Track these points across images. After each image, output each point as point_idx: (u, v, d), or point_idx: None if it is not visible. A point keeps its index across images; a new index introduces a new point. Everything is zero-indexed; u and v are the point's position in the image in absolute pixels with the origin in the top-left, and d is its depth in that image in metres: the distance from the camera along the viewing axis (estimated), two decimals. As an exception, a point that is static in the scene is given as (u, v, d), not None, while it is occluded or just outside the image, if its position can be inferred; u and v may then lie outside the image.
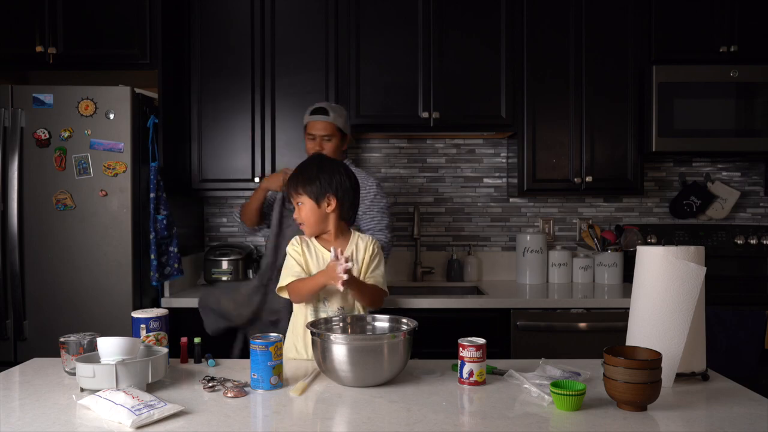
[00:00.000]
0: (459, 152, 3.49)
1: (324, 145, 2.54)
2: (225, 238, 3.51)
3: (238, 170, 3.13)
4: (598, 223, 3.47)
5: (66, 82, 2.77)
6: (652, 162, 3.45)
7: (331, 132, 2.55)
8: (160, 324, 1.75)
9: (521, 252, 3.32)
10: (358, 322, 1.78)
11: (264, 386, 1.52)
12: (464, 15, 3.08)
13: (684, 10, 3.08)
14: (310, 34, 3.10)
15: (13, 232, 2.62)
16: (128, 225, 2.66)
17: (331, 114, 2.55)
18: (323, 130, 2.54)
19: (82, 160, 2.64)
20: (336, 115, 2.56)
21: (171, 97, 3.00)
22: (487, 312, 2.79)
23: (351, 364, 1.52)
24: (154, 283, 2.74)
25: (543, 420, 1.32)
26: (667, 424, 1.31)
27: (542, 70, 3.10)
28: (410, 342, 1.59)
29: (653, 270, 1.57)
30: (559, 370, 1.59)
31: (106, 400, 1.34)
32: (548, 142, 3.11)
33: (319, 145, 2.54)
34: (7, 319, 2.65)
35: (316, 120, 2.55)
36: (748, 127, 3.01)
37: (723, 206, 3.40)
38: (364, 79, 3.07)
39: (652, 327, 1.55)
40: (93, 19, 2.89)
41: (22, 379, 1.64)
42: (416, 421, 1.31)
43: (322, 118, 2.54)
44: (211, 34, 3.11)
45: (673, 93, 3.01)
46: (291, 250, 1.92)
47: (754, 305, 2.80)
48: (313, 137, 2.55)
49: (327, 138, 2.55)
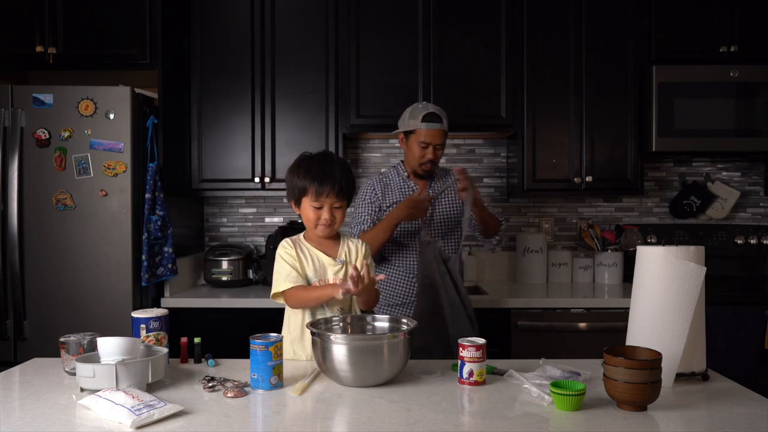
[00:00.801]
0: (459, 152, 3.49)
1: (436, 154, 2.42)
2: (225, 238, 3.51)
3: (238, 170, 3.13)
4: (598, 223, 3.47)
5: (66, 82, 2.77)
6: (652, 162, 3.45)
7: (444, 140, 2.44)
8: (160, 324, 1.75)
9: (521, 252, 3.32)
10: (358, 322, 1.78)
11: (264, 386, 1.52)
12: (464, 15, 3.08)
13: (684, 10, 3.08)
14: (310, 34, 3.10)
15: (13, 232, 2.62)
16: (128, 225, 2.66)
17: (444, 122, 2.42)
18: (439, 138, 2.41)
19: (82, 160, 2.65)
20: (446, 122, 2.44)
21: (171, 97, 3.00)
22: (487, 312, 2.78)
23: (351, 364, 1.51)
24: (143, 283, 2.71)
25: (543, 420, 1.32)
26: (667, 424, 1.31)
27: (542, 70, 3.10)
28: (410, 342, 1.59)
29: (653, 270, 1.57)
30: (559, 370, 1.59)
31: (106, 400, 1.34)
32: (548, 142, 3.11)
33: (433, 153, 2.41)
34: (7, 319, 2.65)
35: (432, 128, 2.39)
36: (748, 127, 3.01)
37: (723, 206, 3.40)
38: (364, 79, 3.07)
39: (652, 327, 1.55)
40: (93, 19, 2.89)
41: (22, 379, 1.64)
42: (416, 421, 1.31)
43: (438, 126, 2.40)
44: (211, 34, 3.11)
45: (673, 93, 3.01)
46: (284, 253, 1.83)
47: (754, 305, 2.80)
48: (426, 145, 2.40)
49: (440, 146, 2.42)
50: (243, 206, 3.51)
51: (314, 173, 1.79)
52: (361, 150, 3.49)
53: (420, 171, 2.45)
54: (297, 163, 1.87)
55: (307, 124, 3.10)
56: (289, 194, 1.88)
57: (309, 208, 1.81)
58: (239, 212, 3.51)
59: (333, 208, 1.80)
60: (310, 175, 1.79)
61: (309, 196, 1.80)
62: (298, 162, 1.87)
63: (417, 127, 2.40)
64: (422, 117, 2.39)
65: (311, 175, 1.79)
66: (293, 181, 1.83)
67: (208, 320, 2.82)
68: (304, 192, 1.80)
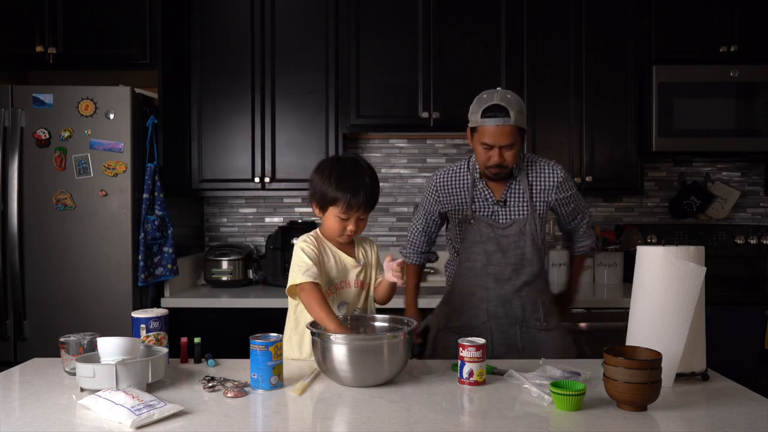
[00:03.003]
0: (459, 152, 3.48)
1: (504, 155, 1.92)
2: (225, 238, 3.51)
3: (238, 170, 3.13)
4: (598, 223, 3.46)
5: (66, 82, 2.77)
6: (652, 162, 3.45)
7: (514, 138, 1.91)
8: (160, 324, 1.75)
9: (521, 252, 3.31)
10: (358, 321, 1.78)
11: (264, 386, 1.52)
12: (464, 15, 3.08)
13: (684, 10, 3.08)
14: (310, 34, 3.10)
15: (13, 232, 2.62)
16: (128, 225, 2.66)
17: (512, 114, 1.89)
18: (505, 138, 1.90)
19: (82, 160, 2.65)
20: (516, 113, 1.90)
21: (171, 97, 3.00)
22: (487, 312, 2.78)
23: (351, 364, 1.52)
24: (140, 283, 2.70)
25: (543, 420, 1.32)
26: (667, 424, 1.31)
27: (542, 70, 3.10)
28: (410, 342, 1.59)
29: (653, 270, 1.57)
30: (559, 370, 1.59)
31: (106, 400, 1.33)
32: (548, 142, 3.11)
33: (499, 156, 1.92)
34: (7, 319, 2.65)
35: (493, 125, 1.90)
36: (748, 127, 3.01)
37: (723, 206, 3.40)
38: (364, 79, 3.07)
39: (652, 327, 1.55)
40: (93, 19, 2.89)
41: (22, 379, 1.64)
42: (416, 421, 1.31)
43: (501, 122, 1.89)
44: (211, 34, 3.11)
45: (673, 93, 3.01)
46: (306, 247, 1.77)
47: (754, 305, 2.80)
48: (489, 147, 1.92)
49: (509, 147, 1.92)
50: (243, 206, 3.51)
51: (347, 185, 1.72)
52: (361, 150, 3.49)
53: (489, 174, 2.00)
54: (328, 168, 1.78)
55: (307, 124, 3.10)
56: (314, 197, 1.79)
57: (335, 219, 1.76)
58: (239, 212, 3.51)
59: (359, 219, 1.77)
60: (342, 187, 1.72)
61: (338, 207, 1.74)
62: (329, 168, 1.78)
63: (477, 123, 1.94)
64: (482, 111, 1.91)
65: (344, 187, 1.72)
66: (322, 188, 1.74)
67: (208, 320, 2.82)
68: (334, 202, 1.73)
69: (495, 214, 2.05)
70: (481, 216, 2.05)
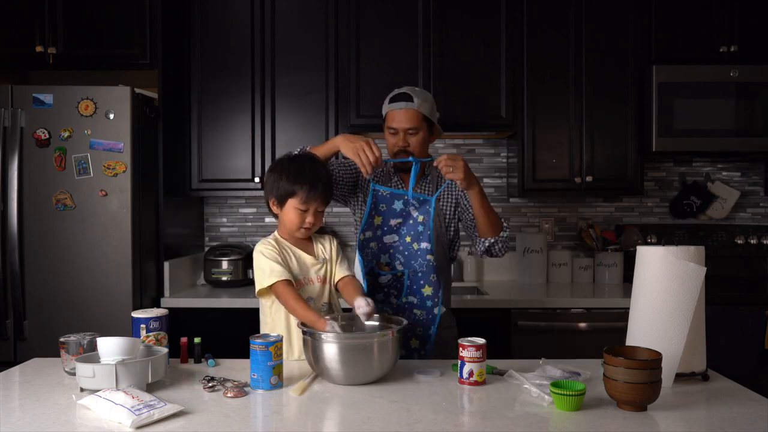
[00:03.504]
0: (459, 152, 3.48)
1: (409, 140, 2.01)
2: (225, 238, 3.51)
3: (238, 170, 3.13)
4: (598, 223, 3.47)
5: (66, 82, 2.77)
6: (652, 162, 3.45)
7: (417, 123, 2.00)
8: (160, 324, 1.75)
9: (521, 252, 3.32)
10: (349, 321, 1.79)
11: (264, 386, 1.52)
12: (464, 15, 3.08)
13: (684, 10, 3.08)
14: (310, 34, 3.10)
15: (13, 232, 2.62)
16: (128, 225, 2.66)
17: (416, 100, 1.99)
18: (407, 121, 1.99)
19: (82, 160, 2.65)
20: (421, 101, 2.01)
21: (171, 97, 3.00)
22: (487, 312, 2.78)
23: (342, 362, 1.54)
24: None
25: (543, 420, 1.32)
26: (667, 424, 1.31)
27: (542, 70, 3.10)
28: (399, 340, 1.61)
29: (653, 270, 1.57)
30: (559, 370, 1.59)
31: (106, 400, 1.33)
32: (548, 142, 3.11)
33: (403, 140, 2.01)
34: (7, 319, 2.65)
35: (396, 109, 2.01)
36: (748, 127, 3.01)
37: (723, 206, 3.40)
38: (364, 79, 3.07)
39: (652, 327, 1.55)
40: (93, 19, 2.89)
41: (22, 379, 1.64)
42: (416, 421, 1.31)
43: (404, 105, 1.99)
44: (211, 34, 3.11)
45: (673, 93, 3.01)
46: (264, 249, 1.81)
47: (754, 305, 2.80)
48: (395, 131, 2.01)
49: (412, 132, 2.00)
50: (243, 206, 3.51)
51: (306, 177, 1.79)
52: (361, 150, 3.48)
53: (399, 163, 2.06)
54: (285, 165, 1.85)
55: (307, 124, 3.10)
56: (272, 193, 1.84)
57: (294, 211, 1.81)
58: (239, 212, 3.51)
59: (317, 211, 1.82)
60: (301, 179, 1.79)
61: (298, 199, 1.80)
62: (286, 164, 1.85)
63: (385, 111, 2.05)
64: (390, 98, 2.04)
65: (303, 179, 1.79)
66: (280, 182, 1.81)
67: (207, 320, 2.82)
68: (293, 194, 1.80)
69: None
70: None
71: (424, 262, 1.98)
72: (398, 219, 1.99)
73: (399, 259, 2.00)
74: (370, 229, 2.00)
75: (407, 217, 1.99)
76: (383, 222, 2.00)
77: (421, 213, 1.98)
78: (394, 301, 2.01)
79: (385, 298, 2.02)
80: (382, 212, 1.99)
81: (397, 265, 2.00)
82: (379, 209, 1.99)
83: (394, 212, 1.99)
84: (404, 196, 1.99)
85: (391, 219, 2.00)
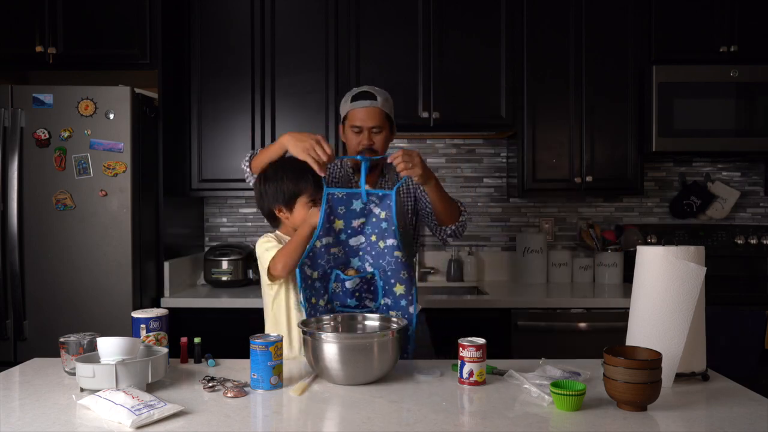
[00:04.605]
0: (459, 152, 3.49)
1: (374, 139, 2.00)
2: (225, 238, 3.51)
3: (238, 170, 3.12)
4: (598, 223, 3.47)
5: (66, 82, 2.77)
6: (652, 162, 3.45)
7: (381, 122, 2.01)
8: (160, 324, 1.75)
9: (521, 252, 3.32)
10: (349, 321, 1.79)
11: (264, 386, 1.52)
12: (464, 15, 3.08)
13: (684, 10, 3.08)
14: (310, 34, 3.10)
15: (13, 232, 2.62)
16: (128, 225, 2.66)
17: (379, 98, 2.01)
18: (371, 119, 1.99)
19: (82, 160, 2.65)
20: (383, 100, 2.03)
21: (171, 97, 3.00)
22: (487, 312, 2.79)
23: (342, 362, 1.53)
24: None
25: (543, 420, 1.32)
26: (667, 424, 1.31)
27: (542, 70, 3.10)
28: (399, 341, 1.61)
29: (653, 270, 1.57)
30: (559, 370, 1.59)
31: (106, 400, 1.33)
32: (548, 142, 3.11)
33: (368, 138, 1.99)
34: (7, 319, 2.65)
35: (360, 107, 2.00)
36: (748, 127, 3.01)
37: (723, 206, 3.40)
38: (364, 79, 3.07)
39: (652, 327, 1.55)
40: (93, 19, 2.89)
41: (22, 379, 1.64)
42: (416, 421, 1.31)
43: (368, 104, 2.00)
44: (211, 34, 3.11)
45: (673, 93, 3.01)
46: (268, 245, 1.84)
47: (754, 305, 2.80)
48: (359, 130, 2.00)
49: (376, 130, 2.00)
50: (243, 206, 3.51)
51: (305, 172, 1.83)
52: (361, 150, 3.48)
53: None
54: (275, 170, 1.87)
55: (307, 124, 3.10)
56: (277, 201, 1.86)
57: (305, 208, 1.86)
58: (239, 212, 3.51)
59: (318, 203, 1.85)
60: (303, 175, 1.84)
61: (306, 195, 1.85)
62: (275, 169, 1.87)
63: (347, 109, 2.04)
64: (352, 96, 2.04)
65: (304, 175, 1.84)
66: (281, 186, 1.84)
67: (207, 320, 2.82)
68: (300, 193, 1.85)
69: None
70: None
71: (392, 260, 1.85)
72: (360, 218, 1.86)
73: (368, 260, 1.89)
74: (329, 235, 1.84)
75: (369, 215, 1.86)
76: (345, 225, 1.86)
77: (382, 209, 1.84)
78: (371, 305, 1.91)
79: (359, 303, 1.91)
80: (342, 215, 1.85)
81: (366, 266, 1.88)
82: (338, 212, 1.84)
83: (354, 213, 1.85)
84: (360, 194, 1.85)
85: (353, 220, 1.86)
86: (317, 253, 1.83)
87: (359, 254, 1.89)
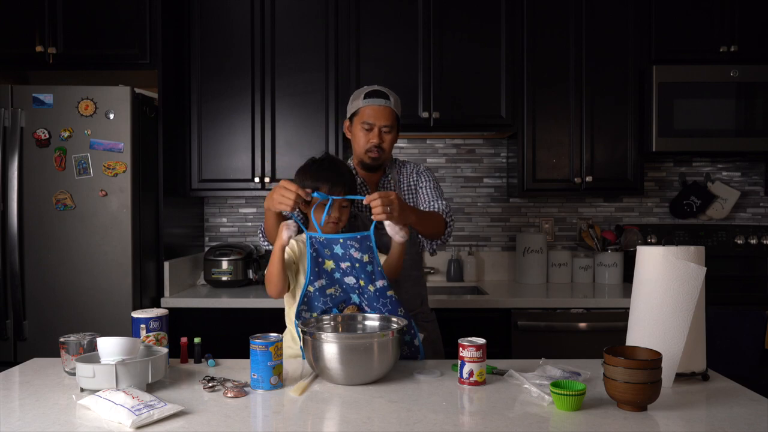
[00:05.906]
0: (459, 152, 3.49)
1: (384, 138, 1.98)
2: (225, 238, 3.51)
3: (238, 170, 3.13)
4: (598, 223, 3.47)
5: (66, 82, 2.78)
6: (652, 162, 3.45)
7: (392, 122, 2.00)
8: (160, 324, 1.75)
9: (521, 252, 3.32)
10: (349, 321, 1.79)
11: (264, 386, 1.52)
12: (464, 14, 3.08)
13: (684, 10, 3.08)
14: (310, 35, 3.10)
15: (13, 232, 2.62)
16: (128, 225, 2.66)
17: (391, 99, 2.00)
18: (385, 118, 1.97)
19: (82, 160, 2.65)
20: (395, 101, 2.02)
21: (171, 97, 3.00)
22: (487, 312, 2.79)
23: (342, 362, 1.53)
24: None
25: (543, 420, 1.32)
26: (667, 424, 1.31)
27: (542, 70, 3.10)
28: (399, 341, 1.61)
29: (653, 270, 1.57)
30: (559, 370, 1.59)
31: (106, 400, 1.33)
32: (548, 142, 3.11)
33: (378, 136, 1.97)
34: (7, 319, 2.65)
35: (375, 105, 1.98)
36: (748, 127, 3.01)
37: (723, 206, 3.40)
38: (364, 79, 3.07)
39: (652, 327, 1.55)
40: (93, 19, 2.89)
41: (22, 379, 1.64)
42: (416, 421, 1.31)
43: (383, 102, 1.98)
44: (211, 34, 3.11)
45: (673, 93, 3.01)
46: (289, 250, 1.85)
47: (754, 305, 2.80)
48: (370, 127, 1.97)
49: (387, 129, 1.98)
50: (243, 206, 3.51)
51: (326, 172, 1.83)
52: (361, 150, 3.49)
53: (366, 160, 2.01)
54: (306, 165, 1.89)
55: (307, 124, 3.10)
56: None
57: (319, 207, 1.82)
58: (239, 212, 3.51)
59: (341, 206, 1.83)
60: (323, 174, 1.82)
61: None
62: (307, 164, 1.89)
63: (359, 106, 2.00)
64: (366, 94, 2.01)
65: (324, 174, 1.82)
66: (303, 181, 1.83)
67: (207, 320, 2.82)
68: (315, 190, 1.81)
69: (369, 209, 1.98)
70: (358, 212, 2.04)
71: (386, 301, 1.77)
72: (346, 262, 1.76)
73: (364, 301, 1.81)
74: (320, 278, 1.78)
75: (352, 259, 1.75)
76: (336, 266, 1.78)
77: (363, 252, 1.74)
78: None
79: None
80: (329, 256, 1.77)
81: (363, 306, 1.81)
82: (324, 254, 1.77)
83: (338, 256, 1.76)
84: (339, 239, 1.74)
85: (341, 262, 1.77)
86: (312, 297, 1.78)
87: (357, 291, 1.81)
